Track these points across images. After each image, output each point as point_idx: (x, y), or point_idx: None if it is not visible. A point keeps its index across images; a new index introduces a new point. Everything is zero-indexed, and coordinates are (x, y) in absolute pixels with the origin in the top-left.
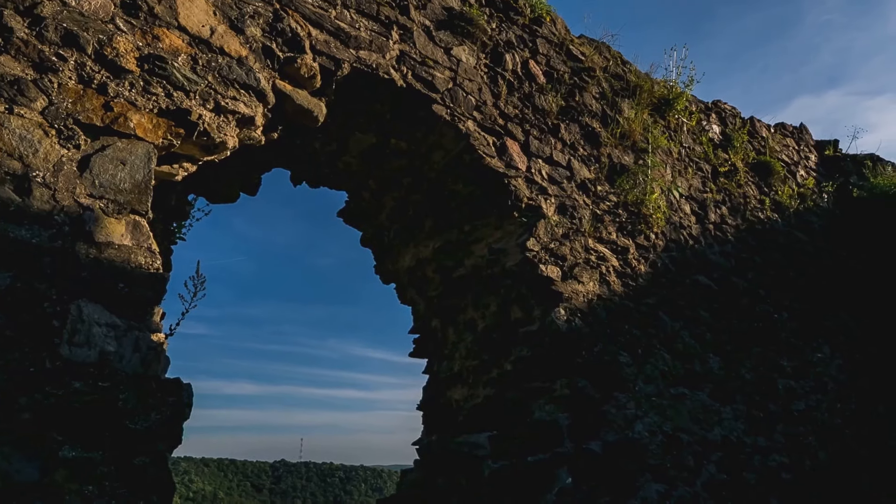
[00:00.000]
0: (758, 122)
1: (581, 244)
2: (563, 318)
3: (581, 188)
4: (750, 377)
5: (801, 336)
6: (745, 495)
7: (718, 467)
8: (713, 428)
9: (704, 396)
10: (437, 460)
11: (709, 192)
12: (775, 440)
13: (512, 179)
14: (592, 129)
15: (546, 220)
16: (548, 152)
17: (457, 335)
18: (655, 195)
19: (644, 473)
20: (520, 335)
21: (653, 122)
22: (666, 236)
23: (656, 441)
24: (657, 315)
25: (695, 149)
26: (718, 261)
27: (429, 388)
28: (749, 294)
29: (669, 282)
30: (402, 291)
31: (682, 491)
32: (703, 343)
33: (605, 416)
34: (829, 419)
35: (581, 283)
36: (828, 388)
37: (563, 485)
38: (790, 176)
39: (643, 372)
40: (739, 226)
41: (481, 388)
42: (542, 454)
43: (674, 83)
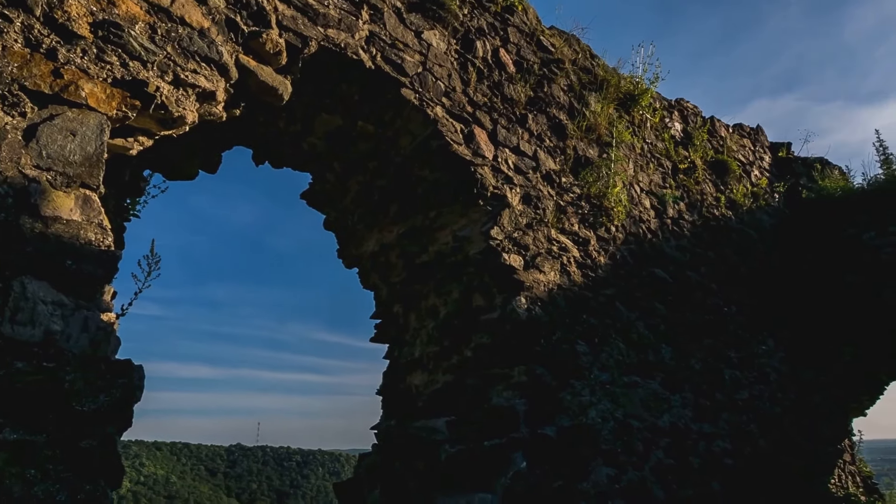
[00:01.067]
0: (717, 122)
1: (544, 234)
2: (523, 306)
3: (546, 179)
4: (699, 367)
5: (748, 329)
6: (690, 479)
7: (666, 452)
8: (663, 415)
9: (656, 385)
10: (396, 444)
11: (668, 187)
12: (720, 427)
13: (478, 167)
14: (559, 121)
15: (511, 209)
16: (515, 142)
17: (419, 321)
18: (617, 189)
19: (596, 458)
20: (481, 322)
21: (618, 116)
22: (626, 229)
23: (608, 427)
24: (614, 306)
25: (657, 145)
26: (674, 255)
27: (389, 373)
28: (702, 288)
29: (627, 274)
30: (365, 276)
31: (632, 475)
32: (657, 334)
33: (560, 402)
34: (770, 408)
35: (542, 272)
36: (770, 379)
37: (517, 468)
38: (745, 175)
39: (599, 360)
40: (696, 221)
41: (441, 374)
42: (498, 439)
43: (640, 79)
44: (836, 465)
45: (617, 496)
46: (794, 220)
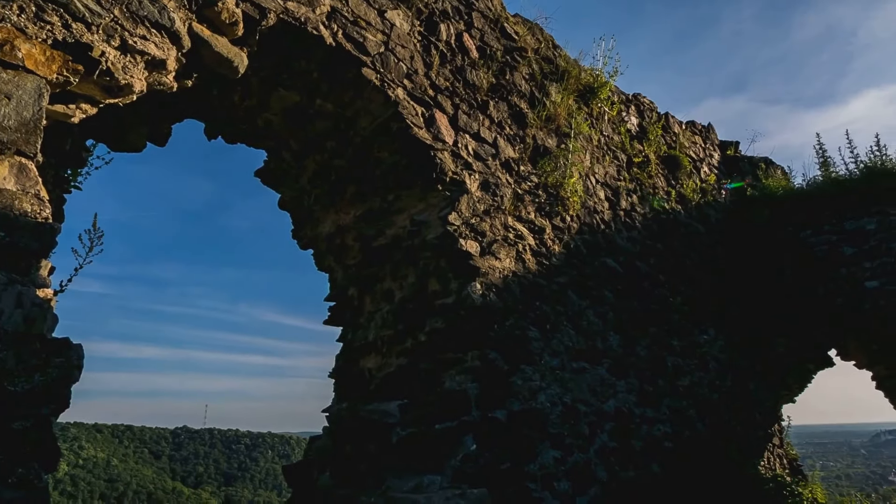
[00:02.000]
0: (671, 118)
1: (501, 222)
2: (478, 292)
3: (505, 167)
4: (644, 354)
5: (691, 319)
6: (631, 461)
7: (610, 436)
8: (608, 400)
9: (603, 371)
10: (347, 427)
11: (622, 180)
12: (661, 412)
13: (438, 152)
14: (520, 110)
15: (469, 195)
16: (475, 128)
17: (374, 305)
18: (574, 179)
19: (544, 440)
20: (436, 307)
21: (577, 108)
22: (580, 219)
23: (557, 411)
24: (566, 294)
25: (613, 138)
26: (625, 245)
27: (342, 356)
28: (649, 278)
29: (580, 263)
30: (320, 258)
31: (577, 457)
32: (606, 322)
33: (511, 386)
34: (708, 394)
35: (498, 259)
36: (709, 367)
37: (467, 451)
38: (695, 171)
39: (550, 346)
40: (647, 214)
41: (395, 358)
42: (449, 422)
43: (600, 72)
44: (766, 448)
45: (562, 477)
46: (738, 217)
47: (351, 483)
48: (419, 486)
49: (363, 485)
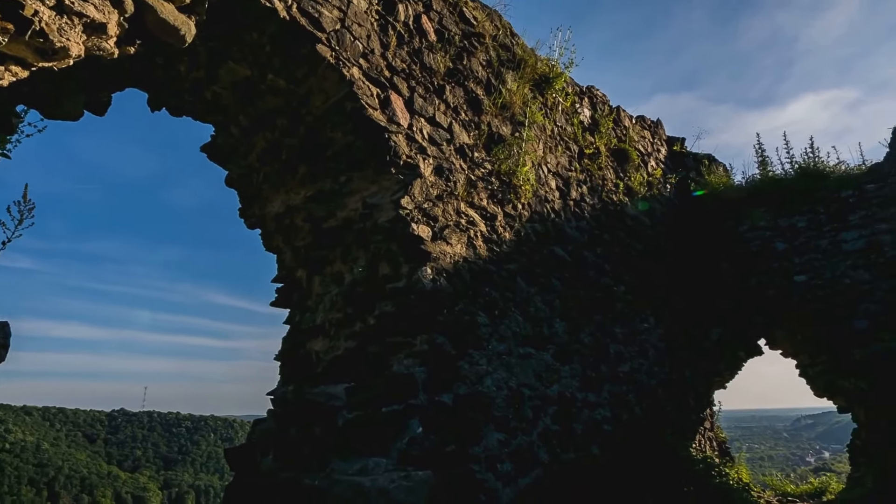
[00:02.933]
0: (623, 112)
1: (453, 207)
2: (429, 277)
3: (459, 152)
4: (588, 341)
5: (634, 307)
6: (572, 443)
7: (553, 419)
8: (552, 385)
9: (548, 356)
10: (292, 410)
11: (573, 171)
12: (602, 397)
13: (393, 135)
14: (476, 96)
15: (422, 179)
16: (431, 112)
17: (323, 287)
18: (527, 168)
19: (488, 424)
20: (386, 291)
21: (532, 97)
22: (531, 208)
23: (502, 395)
24: (515, 280)
25: (566, 129)
26: (574, 235)
27: (289, 338)
28: (596, 267)
29: (530, 250)
30: (269, 238)
31: (520, 440)
32: (553, 308)
33: (458, 371)
34: (647, 380)
35: (450, 244)
36: (649, 354)
37: (413, 434)
38: (643, 165)
39: (497, 332)
40: (595, 205)
41: (343, 341)
42: (397, 405)
43: (555, 63)
44: (698, 431)
45: (506, 459)
46: (682, 210)
47: (295, 466)
48: (364, 468)
49: (307, 468)
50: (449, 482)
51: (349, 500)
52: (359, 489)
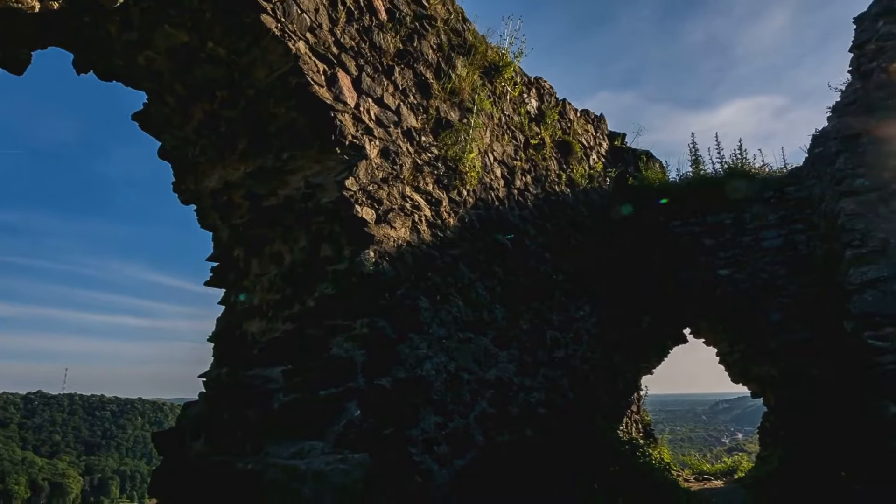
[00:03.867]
0: (568, 105)
1: (399, 191)
2: (371, 260)
3: (406, 135)
4: (526, 327)
5: (570, 295)
6: (507, 425)
7: (489, 402)
8: (490, 369)
9: (487, 341)
10: (225, 393)
11: (519, 160)
12: (537, 381)
13: (339, 114)
14: (426, 80)
15: (368, 161)
16: (379, 93)
17: (261, 267)
18: (473, 155)
19: (427, 407)
20: (327, 273)
21: (481, 84)
22: (476, 195)
23: (441, 378)
24: (458, 266)
25: (513, 118)
26: (517, 223)
27: (224, 319)
28: (536, 256)
29: (473, 237)
30: (204, 215)
31: (457, 422)
32: (493, 295)
33: (398, 354)
34: (580, 365)
35: (394, 228)
36: (583, 340)
37: (351, 416)
38: (585, 158)
39: (438, 316)
40: (539, 195)
41: (281, 323)
42: (334, 388)
43: (505, 51)
44: (625, 414)
45: (442, 441)
46: (620, 203)
47: (227, 450)
48: (300, 451)
49: (240, 451)
50: (385, 464)
51: (283, 483)
52: (294, 473)
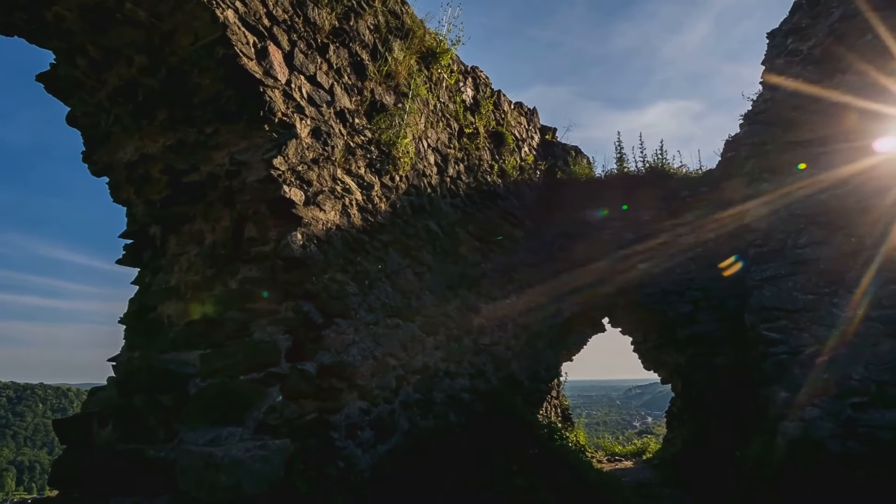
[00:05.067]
0: (503, 97)
1: (329, 173)
2: (299, 242)
3: (339, 116)
4: (454, 314)
5: (498, 284)
6: (432, 411)
7: (415, 388)
8: (417, 355)
9: (415, 328)
10: (138, 378)
11: (452, 148)
12: (463, 367)
13: (269, 89)
14: (361, 60)
15: (298, 140)
16: (312, 70)
17: (179, 246)
18: (407, 140)
19: (352, 392)
20: (252, 254)
21: (418, 69)
22: (409, 181)
23: (367, 364)
24: (388, 252)
25: (449, 106)
26: (448, 211)
27: (137, 300)
28: (466, 244)
29: (404, 223)
30: (117, 188)
31: (382, 408)
32: (423, 282)
33: (324, 339)
34: (504, 352)
35: (323, 210)
36: (508, 328)
37: (273, 402)
38: (517, 150)
39: (367, 302)
40: (471, 183)
41: (200, 305)
42: (256, 373)
43: (443, 38)
44: (546, 399)
45: (366, 427)
46: (549, 195)
47: (138, 438)
48: (217, 438)
49: (153, 439)
50: (306, 451)
51: (198, 471)
52: (209, 460)
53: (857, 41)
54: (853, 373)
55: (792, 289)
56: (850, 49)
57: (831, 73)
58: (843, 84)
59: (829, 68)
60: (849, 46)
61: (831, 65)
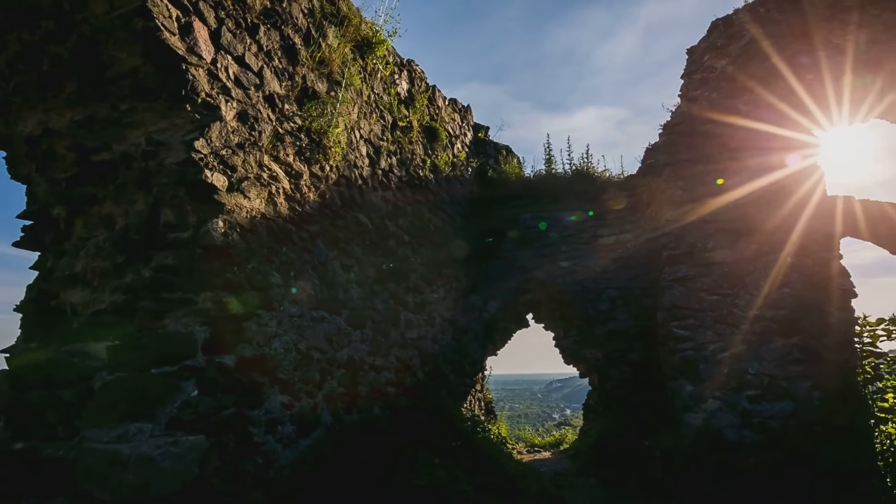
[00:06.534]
0: (438, 92)
1: (256, 159)
2: (220, 230)
3: (268, 101)
4: (382, 308)
5: (426, 278)
6: (356, 405)
7: (339, 382)
8: (343, 348)
9: (341, 321)
10: (35, 371)
11: (385, 140)
12: (389, 361)
13: (192, 67)
14: (293, 44)
15: (223, 123)
16: (241, 51)
17: (87, 230)
18: (339, 130)
19: (273, 386)
20: (168, 241)
21: (353, 59)
22: (339, 171)
23: (290, 357)
24: (316, 243)
25: (383, 98)
26: (379, 204)
27: (36, 286)
28: (396, 238)
29: (333, 214)
30: (16, 164)
31: (305, 402)
32: (350, 274)
33: (245, 332)
34: (430, 347)
35: (248, 198)
36: (435, 323)
37: (187, 397)
38: (450, 146)
39: (291, 294)
40: (403, 177)
41: (109, 294)
42: (169, 366)
43: (380, 28)
44: (470, 393)
45: (287, 422)
46: (479, 193)
47: (35, 435)
48: (124, 435)
49: (51, 436)
50: (224, 446)
51: (102, 470)
52: (115, 458)
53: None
54: (749, 368)
55: (699, 289)
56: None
57: (740, 91)
58: (749, 103)
59: (737, 87)
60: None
61: (740, 84)
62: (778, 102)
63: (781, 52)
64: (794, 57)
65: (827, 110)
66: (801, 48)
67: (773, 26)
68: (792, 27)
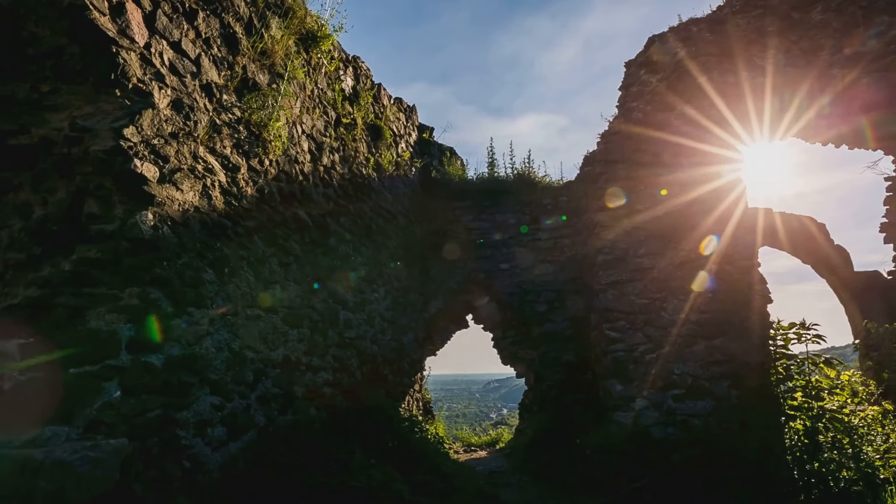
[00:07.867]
0: (383, 90)
1: (190, 150)
2: (149, 223)
3: (205, 90)
4: (320, 307)
5: (367, 278)
6: (292, 406)
7: (274, 382)
8: (278, 348)
9: (277, 320)
10: None
11: (328, 137)
12: (326, 361)
13: (123, 51)
14: (234, 33)
15: (156, 111)
16: (177, 36)
17: (0, 219)
18: (280, 123)
19: (203, 387)
20: (91, 232)
21: (296, 51)
22: (279, 166)
23: (222, 357)
24: (252, 239)
25: (327, 93)
26: (320, 201)
27: None
28: (337, 235)
29: (272, 210)
30: None
31: (237, 403)
32: (289, 272)
33: (174, 330)
34: (369, 346)
35: (180, 190)
36: (374, 322)
37: (109, 398)
38: (394, 145)
39: (225, 291)
40: (345, 175)
41: (23, 288)
42: (90, 366)
43: (325, 22)
44: (408, 393)
45: (218, 423)
46: (423, 193)
47: None
48: (37, 439)
49: None
50: (148, 450)
51: (12, 477)
52: (26, 464)
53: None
54: (675, 368)
55: (631, 293)
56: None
57: (671, 106)
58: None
59: (669, 103)
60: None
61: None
62: (705, 119)
63: (710, 71)
64: (722, 76)
65: (750, 128)
66: (729, 68)
67: (703, 45)
68: (721, 47)
